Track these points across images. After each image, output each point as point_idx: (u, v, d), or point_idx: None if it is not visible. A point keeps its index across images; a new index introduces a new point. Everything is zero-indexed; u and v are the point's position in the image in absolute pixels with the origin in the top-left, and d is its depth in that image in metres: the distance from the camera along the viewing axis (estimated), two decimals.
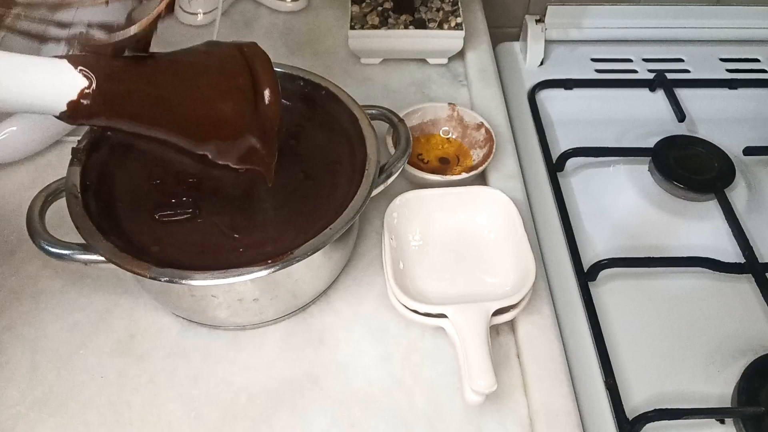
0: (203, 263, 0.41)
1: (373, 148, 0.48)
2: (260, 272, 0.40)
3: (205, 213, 0.46)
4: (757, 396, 0.47)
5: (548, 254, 0.56)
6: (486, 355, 0.42)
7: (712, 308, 0.54)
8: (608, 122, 0.69)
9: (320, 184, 0.48)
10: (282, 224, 0.45)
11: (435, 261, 0.50)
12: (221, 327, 0.47)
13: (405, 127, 0.52)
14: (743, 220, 0.58)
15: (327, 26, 0.72)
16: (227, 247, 0.44)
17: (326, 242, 0.42)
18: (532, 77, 0.73)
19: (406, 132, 0.51)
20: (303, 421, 0.43)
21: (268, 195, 0.47)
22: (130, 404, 0.44)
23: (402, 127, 0.52)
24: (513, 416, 0.44)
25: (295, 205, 0.47)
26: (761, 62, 0.76)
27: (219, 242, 0.44)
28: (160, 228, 0.45)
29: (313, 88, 0.52)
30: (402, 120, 0.52)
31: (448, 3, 0.67)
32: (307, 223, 0.44)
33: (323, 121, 0.52)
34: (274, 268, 0.40)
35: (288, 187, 0.48)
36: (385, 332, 0.48)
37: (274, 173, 0.45)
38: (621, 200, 0.61)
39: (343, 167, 0.49)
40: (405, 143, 0.50)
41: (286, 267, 0.40)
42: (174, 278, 0.40)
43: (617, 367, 0.49)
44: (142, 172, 0.48)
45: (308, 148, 0.51)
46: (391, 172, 0.48)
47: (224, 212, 0.46)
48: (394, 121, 0.53)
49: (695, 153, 0.63)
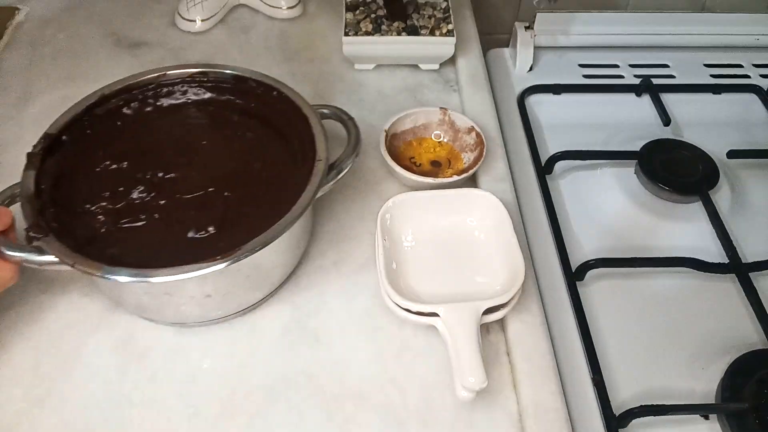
0: (158, 262, 0.41)
1: (323, 147, 0.48)
2: (207, 269, 0.41)
3: (160, 214, 0.47)
4: (740, 392, 0.48)
5: (537, 254, 0.57)
6: (477, 352, 0.43)
7: (696, 307, 0.54)
8: (596, 126, 0.69)
9: (272, 183, 0.49)
10: (234, 222, 0.46)
11: (427, 261, 0.51)
12: (204, 323, 0.48)
13: (355, 125, 0.52)
14: (727, 222, 0.59)
15: (322, 33, 0.73)
16: (182, 246, 0.45)
17: (273, 239, 0.42)
18: (521, 82, 0.74)
19: (356, 130, 0.52)
20: (298, 416, 0.44)
21: (222, 195, 0.48)
22: (130, 401, 0.44)
23: (352, 125, 0.52)
24: (503, 412, 0.45)
25: (248, 204, 0.48)
26: (744, 68, 0.77)
27: (174, 241, 0.45)
28: (116, 230, 0.46)
29: (266, 90, 0.53)
30: (352, 118, 0.53)
31: (440, 10, 0.68)
32: (259, 222, 0.44)
33: (275, 121, 0.53)
34: (222, 264, 0.41)
35: (241, 185, 0.49)
36: (378, 331, 0.48)
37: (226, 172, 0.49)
38: (608, 202, 0.62)
39: (295, 166, 0.49)
40: (355, 141, 0.51)
41: (234, 263, 0.41)
42: (137, 276, 0.40)
43: (604, 364, 0.50)
44: (97, 176, 0.49)
45: (261, 148, 0.52)
46: (341, 168, 0.49)
47: (179, 213, 0.47)
48: (345, 119, 0.53)
49: (680, 156, 0.64)
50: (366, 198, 0.57)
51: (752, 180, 0.65)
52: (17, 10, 0.75)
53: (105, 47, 0.70)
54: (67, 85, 0.66)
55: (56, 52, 0.70)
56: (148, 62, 0.68)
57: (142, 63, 0.68)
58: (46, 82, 0.66)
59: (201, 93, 0.55)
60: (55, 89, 0.65)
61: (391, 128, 0.58)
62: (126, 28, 0.73)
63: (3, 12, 0.74)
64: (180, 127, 0.54)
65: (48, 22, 0.73)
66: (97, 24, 0.73)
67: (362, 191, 0.58)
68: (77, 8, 0.75)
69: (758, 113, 0.72)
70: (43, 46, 0.70)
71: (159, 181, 0.49)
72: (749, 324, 0.54)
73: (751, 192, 0.64)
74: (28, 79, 0.67)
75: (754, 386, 0.48)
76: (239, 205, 0.48)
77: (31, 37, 0.71)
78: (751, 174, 0.65)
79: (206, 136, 0.53)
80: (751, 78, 0.76)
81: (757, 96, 0.73)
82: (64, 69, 0.68)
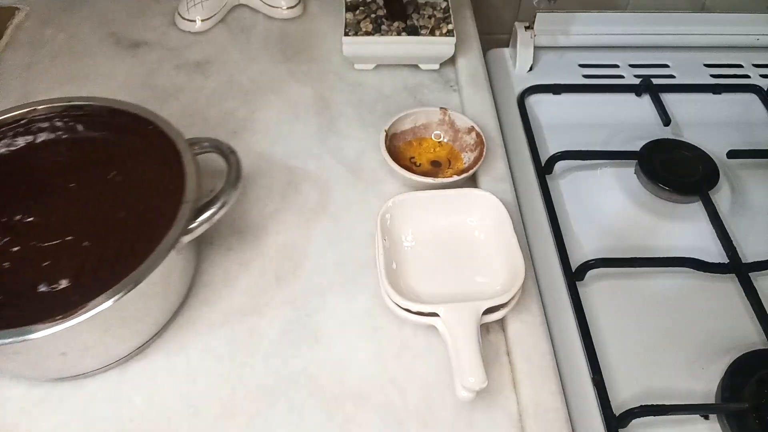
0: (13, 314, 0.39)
1: (192, 187, 0.45)
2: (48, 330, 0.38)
3: (12, 263, 0.43)
4: (740, 392, 0.48)
5: (537, 254, 0.57)
6: (477, 352, 0.43)
7: (696, 307, 0.55)
8: (596, 126, 0.69)
9: (138, 230, 0.45)
10: (93, 275, 0.42)
11: (427, 261, 0.51)
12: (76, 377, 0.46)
13: (236, 159, 0.48)
14: (727, 222, 0.59)
15: (322, 33, 0.73)
16: (31, 300, 0.41)
17: (121, 294, 0.40)
18: (521, 82, 0.74)
19: (238, 165, 0.48)
20: (298, 416, 0.44)
21: (81, 245, 0.44)
22: (131, 401, 0.44)
23: (233, 159, 0.48)
24: (503, 412, 0.45)
25: (109, 255, 0.44)
26: (744, 68, 0.77)
27: (22, 294, 0.42)
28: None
29: (140, 124, 0.50)
30: (234, 152, 0.49)
31: (440, 10, 0.68)
32: (117, 275, 0.41)
33: (148, 159, 0.49)
34: (65, 324, 0.38)
35: (104, 233, 0.45)
36: (378, 331, 0.49)
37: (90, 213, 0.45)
38: (608, 202, 0.62)
39: (162, 210, 0.45)
40: (235, 176, 0.47)
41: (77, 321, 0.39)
42: None
43: (604, 364, 0.50)
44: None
45: (129, 191, 0.48)
46: (219, 206, 0.45)
47: (32, 263, 0.43)
48: (226, 152, 0.49)
49: (680, 156, 0.64)
50: (366, 198, 0.57)
51: (752, 180, 0.65)
52: (17, 10, 0.75)
53: (105, 47, 0.70)
54: (67, 85, 0.66)
55: (56, 52, 0.70)
56: (148, 62, 0.69)
57: (142, 63, 0.69)
58: (46, 82, 0.66)
59: (72, 129, 0.51)
60: (55, 89, 0.65)
61: (391, 128, 0.58)
62: (126, 28, 0.73)
63: (3, 12, 0.74)
64: (47, 167, 0.49)
65: (48, 22, 0.73)
66: (97, 24, 0.73)
67: (362, 191, 0.58)
68: (77, 8, 0.75)
69: (758, 113, 0.72)
70: (43, 46, 0.70)
71: (16, 225, 0.45)
72: (749, 324, 0.54)
73: (751, 192, 0.64)
74: (28, 79, 0.67)
75: (754, 386, 0.48)
76: (99, 257, 0.43)
77: (31, 37, 0.71)
78: (751, 174, 0.65)
79: (73, 176, 0.48)
80: (751, 78, 0.76)
81: (757, 96, 0.73)
82: (64, 69, 0.68)
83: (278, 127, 0.63)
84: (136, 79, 0.67)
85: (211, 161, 0.51)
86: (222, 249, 0.53)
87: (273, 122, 0.63)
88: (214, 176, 0.53)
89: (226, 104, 0.65)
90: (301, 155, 0.60)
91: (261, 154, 0.60)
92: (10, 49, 0.70)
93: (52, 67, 0.68)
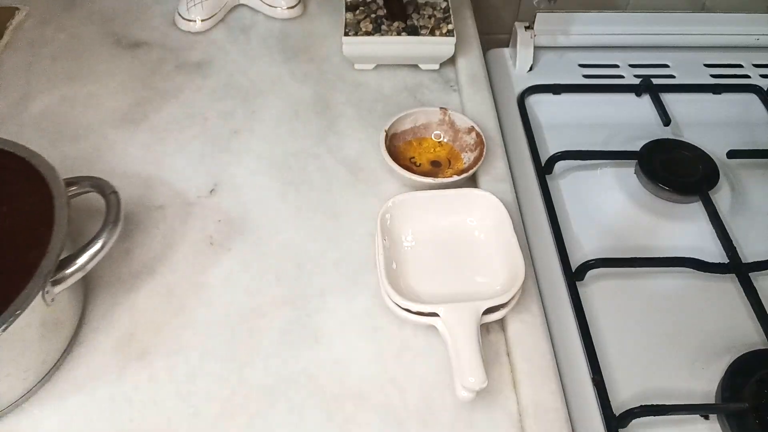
0: None
1: (58, 236, 0.42)
2: None
3: None
4: (740, 392, 0.48)
5: (537, 254, 0.57)
6: (477, 352, 0.43)
7: (696, 307, 0.55)
8: (596, 126, 0.69)
9: (5, 279, 0.41)
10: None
11: (427, 261, 0.51)
12: None
13: (117, 199, 0.45)
14: (727, 222, 0.59)
15: (322, 33, 0.73)
16: None
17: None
18: (521, 82, 0.74)
19: (118, 205, 0.45)
20: (298, 416, 0.44)
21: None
22: (130, 401, 0.44)
23: (114, 200, 0.45)
24: (503, 412, 0.45)
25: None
26: (744, 68, 0.77)
27: None
28: None
29: (16, 163, 0.46)
30: (115, 192, 0.46)
31: (440, 10, 0.68)
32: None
33: (18, 202, 0.44)
34: None
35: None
36: (378, 331, 0.49)
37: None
38: (608, 202, 0.62)
39: (27, 262, 0.41)
40: (115, 217, 0.44)
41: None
42: None
43: (604, 364, 0.50)
44: None
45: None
46: (103, 246, 0.43)
47: None
48: (106, 192, 0.46)
49: (680, 156, 0.64)
50: (366, 198, 0.57)
51: (752, 180, 0.65)
52: (17, 10, 0.75)
53: (105, 47, 0.70)
54: (67, 85, 0.66)
55: (56, 52, 0.70)
56: (148, 62, 0.69)
57: (142, 63, 0.69)
58: (46, 82, 0.66)
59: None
60: (55, 89, 0.65)
61: (391, 128, 0.58)
62: (126, 28, 0.73)
63: (3, 12, 0.74)
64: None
65: (48, 22, 0.73)
66: (97, 24, 0.73)
67: (362, 191, 0.58)
68: (77, 8, 0.75)
69: (758, 113, 0.72)
70: (43, 46, 0.70)
71: None
72: (749, 324, 0.54)
73: (751, 192, 0.64)
74: (28, 79, 0.67)
75: (754, 386, 0.48)
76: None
77: (31, 37, 0.71)
78: (751, 174, 0.65)
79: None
80: (751, 78, 0.76)
81: (757, 96, 0.73)
82: (64, 69, 0.68)
83: (278, 127, 0.63)
84: (136, 79, 0.67)
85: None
86: (222, 249, 0.53)
87: (273, 122, 0.63)
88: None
89: (226, 104, 0.65)
90: (301, 155, 0.60)
91: (261, 154, 0.60)
92: (10, 49, 0.70)
93: (52, 67, 0.68)
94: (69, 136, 0.61)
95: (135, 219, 0.55)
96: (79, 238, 0.50)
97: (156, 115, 0.63)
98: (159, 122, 0.63)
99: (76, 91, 0.65)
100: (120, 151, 0.60)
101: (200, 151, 0.60)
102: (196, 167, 0.59)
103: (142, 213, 0.55)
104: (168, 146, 0.61)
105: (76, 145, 0.60)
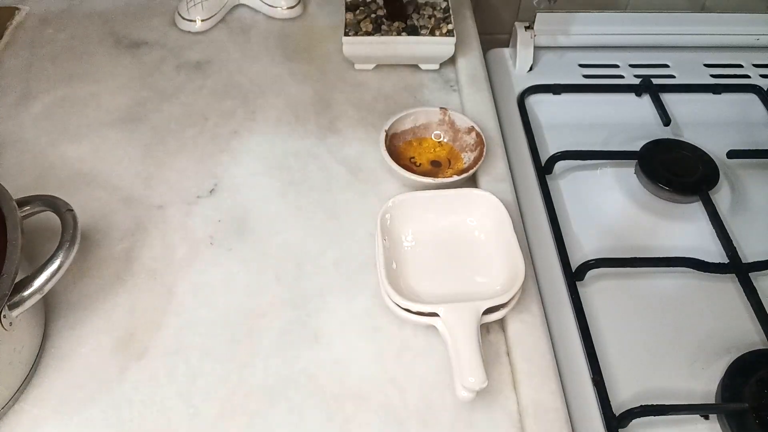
0: None
1: (13, 259, 0.40)
2: None
3: None
4: (740, 392, 0.48)
5: (537, 254, 0.57)
6: (477, 352, 0.43)
7: (696, 307, 0.54)
8: (595, 126, 0.69)
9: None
10: None
11: (427, 261, 0.51)
12: None
13: (73, 217, 0.44)
14: (727, 222, 0.59)
15: (322, 33, 0.73)
16: None
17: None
18: (521, 82, 0.74)
19: (74, 224, 0.44)
20: (298, 416, 0.44)
21: None
22: (130, 401, 0.44)
23: (69, 218, 0.44)
24: (503, 412, 0.45)
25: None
26: (744, 68, 0.77)
27: None
28: None
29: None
30: (71, 210, 0.45)
31: (440, 10, 0.68)
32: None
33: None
34: None
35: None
36: (378, 331, 0.49)
37: None
38: (608, 202, 0.62)
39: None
40: (71, 237, 0.43)
41: None
42: None
43: (604, 364, 0.50)
44: None
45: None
46: (60, 266, 0.42)
47: None
48: (61, 211, 0.45)
49: (680, 156, 0.64)
50: (366, 198, 0.57)
51: (752, 180, 0.65)
52: (17, 10, 0.75)
53: (105, 47, 0.70)
54: (67, 85, 0.66)
55: (56, 52, 0.70)
56: (148, 62, 0.69)
57: (142, 63, 0.69)
58: (46, 82, 0.66)
59: None
60: (55, 89, 0.65)
61: (391, 128, 0.58)
62: (126, 28, 0.73)
63: (3, 12, 0.74)
64: None
65: (48, 22, 0.73)
66: (97, 24, 0.73)
67: (362, 191, 0.58)
68: (77, 8, 0.75)
69: (758, 113, 0.72)
70: (43, 46, 0.70)
71: None
72: (749, 324, 0.54)
73: (751, 192, 0.64)
74: (28, 79, 0.67)
75: (754, 386, 0.48)
76: None
77: (31, 37, 0.71)
78: (751, 174, 0.65)
79: None
80: (751, 78, 0.76)
81: (757, 96, 0.73)
82: (64, 69, 0.68)
83: (278, 127, 0.63)
84: (136, 79, 0.67)
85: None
86: (222, 249, 0.53)
87: (273, 122, 0.63)
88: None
89: (226, 104, 0.65)
90: (301, 155, 0.60)
91: (261, 154, 0.60)
92: (10, 49, 0.70)
93: (52, 67, 0.68)
94: (69, 136, 0.61)
95: (135, 219, 0.55)
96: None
97: (156, 115, 0.63)
98: (159, 122, 0.63)
99: (76, 91, 0.65)
100: (120, 151, 0.60)
101: (200, 151, 0.60)
102: (196, 167, 0.59)
103: (142, 213, 0.55)
104: (168, 146, 0.61)
105: (76, 145, 0.60)
